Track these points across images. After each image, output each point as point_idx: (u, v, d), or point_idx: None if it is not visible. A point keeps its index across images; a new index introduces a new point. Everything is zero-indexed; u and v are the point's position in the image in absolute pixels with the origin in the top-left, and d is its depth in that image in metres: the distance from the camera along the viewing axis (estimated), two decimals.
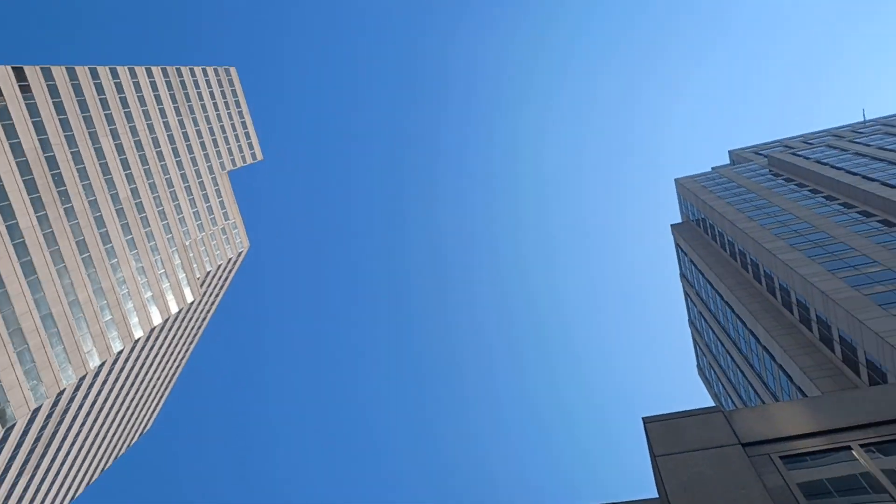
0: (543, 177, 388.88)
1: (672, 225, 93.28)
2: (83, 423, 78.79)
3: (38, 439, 68.24)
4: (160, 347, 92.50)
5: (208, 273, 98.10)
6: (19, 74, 71.68)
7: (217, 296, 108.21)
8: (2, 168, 66.81)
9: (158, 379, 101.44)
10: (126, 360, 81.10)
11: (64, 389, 67.54)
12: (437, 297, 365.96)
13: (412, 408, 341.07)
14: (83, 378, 70.86)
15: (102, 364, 73.74)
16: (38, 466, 71.95)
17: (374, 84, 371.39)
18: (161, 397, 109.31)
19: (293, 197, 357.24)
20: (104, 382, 78.00)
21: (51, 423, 69.09)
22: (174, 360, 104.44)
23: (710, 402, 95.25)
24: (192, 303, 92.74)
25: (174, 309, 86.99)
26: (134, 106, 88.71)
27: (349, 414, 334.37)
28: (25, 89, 71.81)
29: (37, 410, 64.66)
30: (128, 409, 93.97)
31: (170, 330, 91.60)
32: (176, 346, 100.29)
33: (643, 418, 13.23)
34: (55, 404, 67.78)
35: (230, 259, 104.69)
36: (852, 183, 64.53)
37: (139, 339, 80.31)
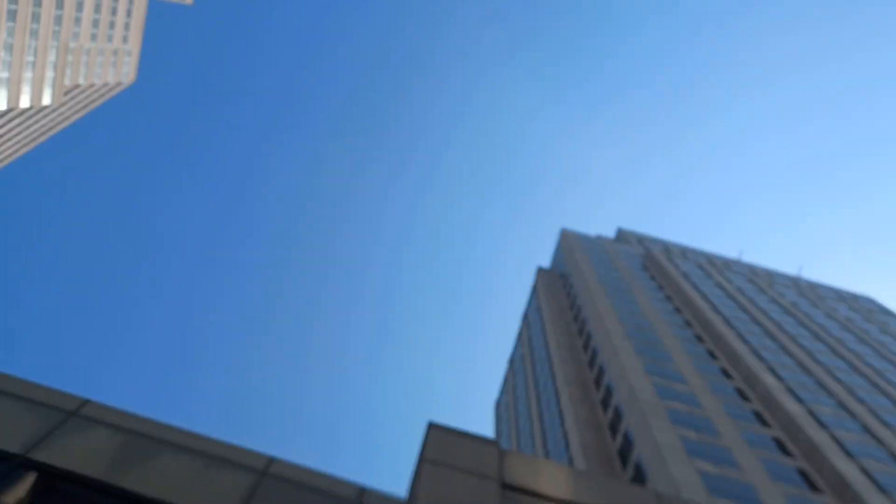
0: (455, 178, 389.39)
1: (539, 268, 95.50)
2: None
3: None
4: None
5: (78, 86, 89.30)
6: None
7: (77, 113, 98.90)
8: None
9: None
10: None
11: None
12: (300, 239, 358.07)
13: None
14: None
15: None
16: None
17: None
18: None
19: (206, 56, 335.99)
20: None
21: None
22: None
23: (492, 437, 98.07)
24: (46, 107, 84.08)
25: (25, 103, 78.37)
26: None
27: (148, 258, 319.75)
28: None
29: None
30: None
31: (10, 122, 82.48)
32: (7, 141, 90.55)
33: (430, 422, 13.27)
34: None
35: (108, 84, 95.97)
36: (701, 308, 68.40)
37: None
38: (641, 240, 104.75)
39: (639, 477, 42.95)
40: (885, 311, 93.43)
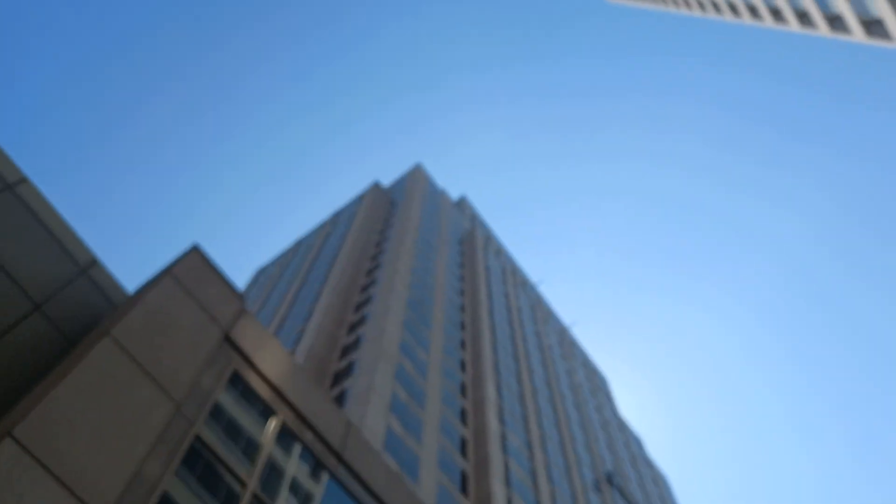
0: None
1: (376, 183, 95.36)
2: None
3: None
4: None
5: None
6: None
7: None
8: None
9: None
10: None
11: None
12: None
13: None
14: None
15: None
16: None
17: None
18: None
19: None
20: None
21: None
22: None
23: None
24: None
25: None
26: None
27: None
28: None
29: None
30: None
31: None
32: None
33: (195, 245, 12.98)
34: None
35: None
36: (481, 303, 72.25)
37: None
38: (474, 217, 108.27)
39: (337, 403, 44.87)
40: (608, 395, 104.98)
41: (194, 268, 12.77)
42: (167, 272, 11.83)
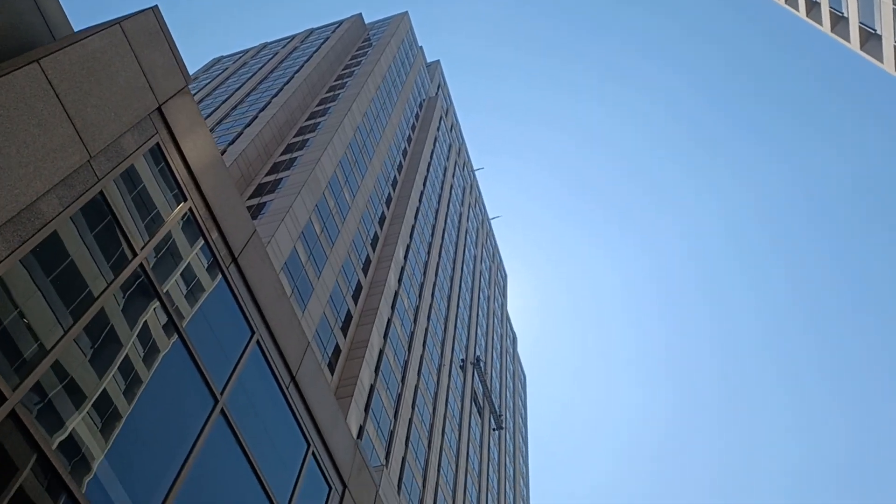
0: None
1: (359, 15, 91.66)
2: None
3: None
4: None
5: None
6: None
7: None
8: None
9: None
10: None
11: None
12: None
13: None
14: None
15: None
16: None
17: None
18: None
19: None
20: None
21: None
22: None
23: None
24: None
25: None
26: None
27: None
28: None
29: None
30: None
31: None
32: None
33: (154, 7, 12.40)
34: None
35: None
36: (419, 169, 72.37)
37: None
38: (441, 86, 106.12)
39: (253, 214, 45.17)
40: (503, 290, 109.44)
41: (146, 29, 11.90)
42: (116, 22, 11.09)
